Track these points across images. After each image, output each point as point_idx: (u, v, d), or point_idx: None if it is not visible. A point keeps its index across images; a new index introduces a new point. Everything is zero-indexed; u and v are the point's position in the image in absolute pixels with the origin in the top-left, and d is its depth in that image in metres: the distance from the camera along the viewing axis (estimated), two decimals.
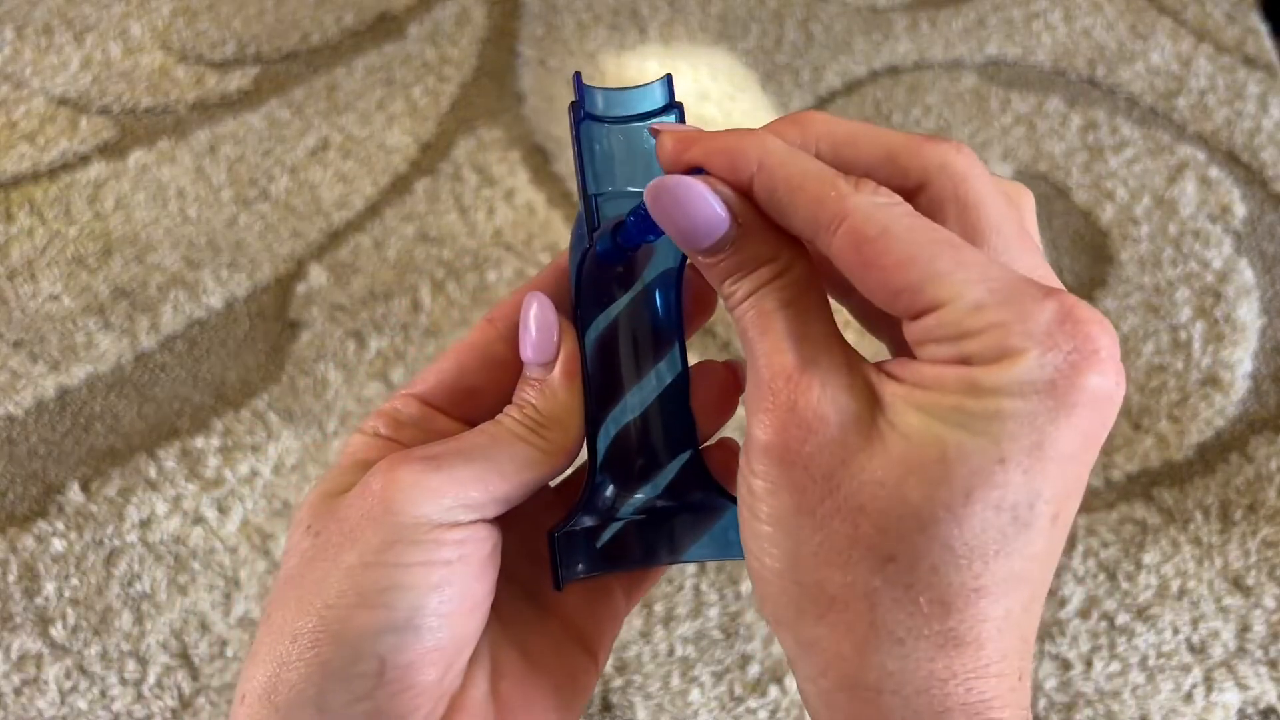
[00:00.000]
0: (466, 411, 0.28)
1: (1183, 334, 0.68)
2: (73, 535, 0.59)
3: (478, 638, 0.26)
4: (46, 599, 0.57)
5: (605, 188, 0.27)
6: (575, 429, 0.27)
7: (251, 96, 0.81)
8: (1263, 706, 0.55)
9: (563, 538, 0.27)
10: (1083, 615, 0.57)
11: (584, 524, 0.28)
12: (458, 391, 0.28)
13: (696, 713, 0.54)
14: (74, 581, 0.57)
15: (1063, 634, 0.56)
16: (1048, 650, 0.56)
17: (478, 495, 0.25)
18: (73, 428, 0.63)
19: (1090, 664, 0.55)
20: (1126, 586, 0.58)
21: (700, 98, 0.81)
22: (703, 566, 0.58)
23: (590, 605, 0.29)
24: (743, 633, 0.56)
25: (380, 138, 0.78)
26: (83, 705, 0.54)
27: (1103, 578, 0.58)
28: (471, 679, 0.26)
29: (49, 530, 0.59)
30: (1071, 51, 0.85)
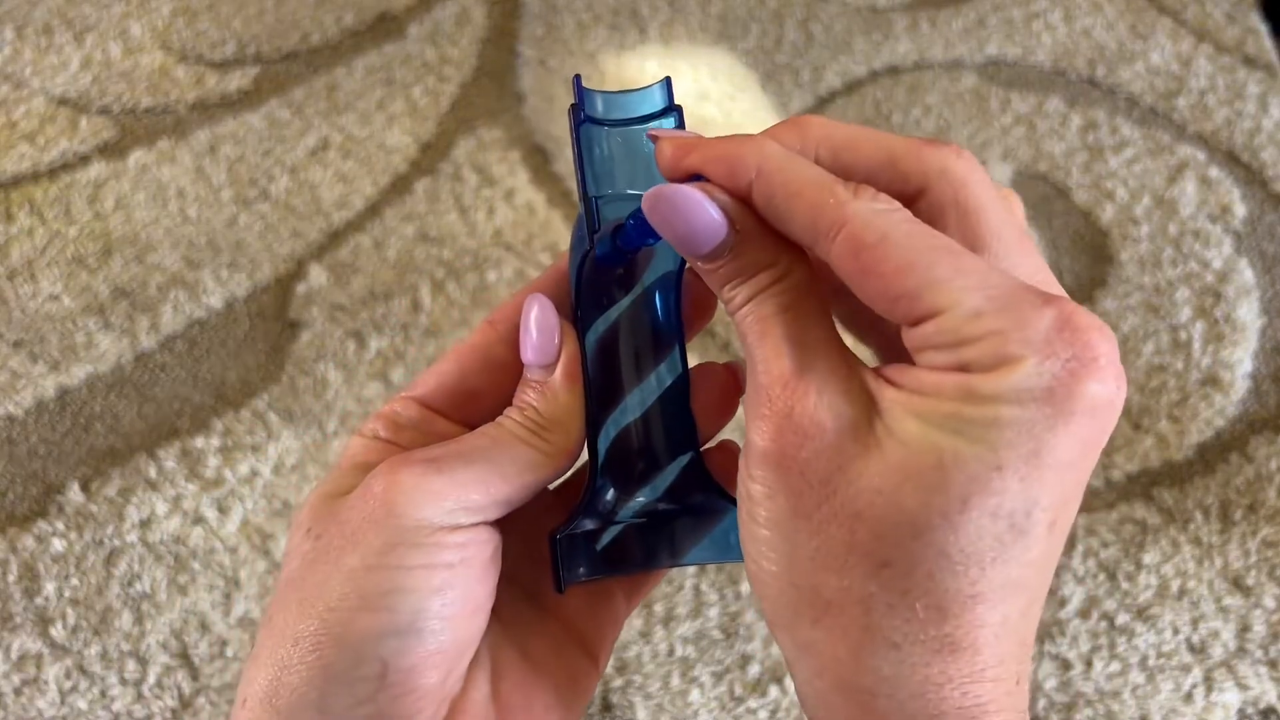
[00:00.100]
0: (467, 414, 0.28)
1: (1183, 334, 0.68)
2: (73, 535, 0.59)
3: (479, 640, 0.26)
4: (46, 599, 0.57)
5: (605, 190, 0.27)
6: (576, 431, 0.27)
7: (251, 96, 0.81)
8: (1263, 706, 0.55)
9: (564, 540, 0.27)
10: (1083, 615, 0.57)
11: (585, 527, 0.28)
12: (458, 394, 0.28)
13: (696, 713, 0.54)
14: (74, 581, 0.57)
15: (1063, 634, 0.56)
16: (1047, 650, 0.56)
17: (479, 498, 0.25)
18: (73, 428, 0.64)
19: (1090, 664, 0.55)
20: (1126, 586, 0.58)
21: (700, 98, 0.81)
22: (703, 566, 0.58)
23: (591, 607, 0.29)
24: (743, 633, 0.56)
25: (380, 138, 0.78)
26: (83, 705, 0.54)
27: (1103, 578, 0.58)
28: (472, 681, 0.26)
29: (49, 530, 0.59)
30: (1071, 51, 0.85)
